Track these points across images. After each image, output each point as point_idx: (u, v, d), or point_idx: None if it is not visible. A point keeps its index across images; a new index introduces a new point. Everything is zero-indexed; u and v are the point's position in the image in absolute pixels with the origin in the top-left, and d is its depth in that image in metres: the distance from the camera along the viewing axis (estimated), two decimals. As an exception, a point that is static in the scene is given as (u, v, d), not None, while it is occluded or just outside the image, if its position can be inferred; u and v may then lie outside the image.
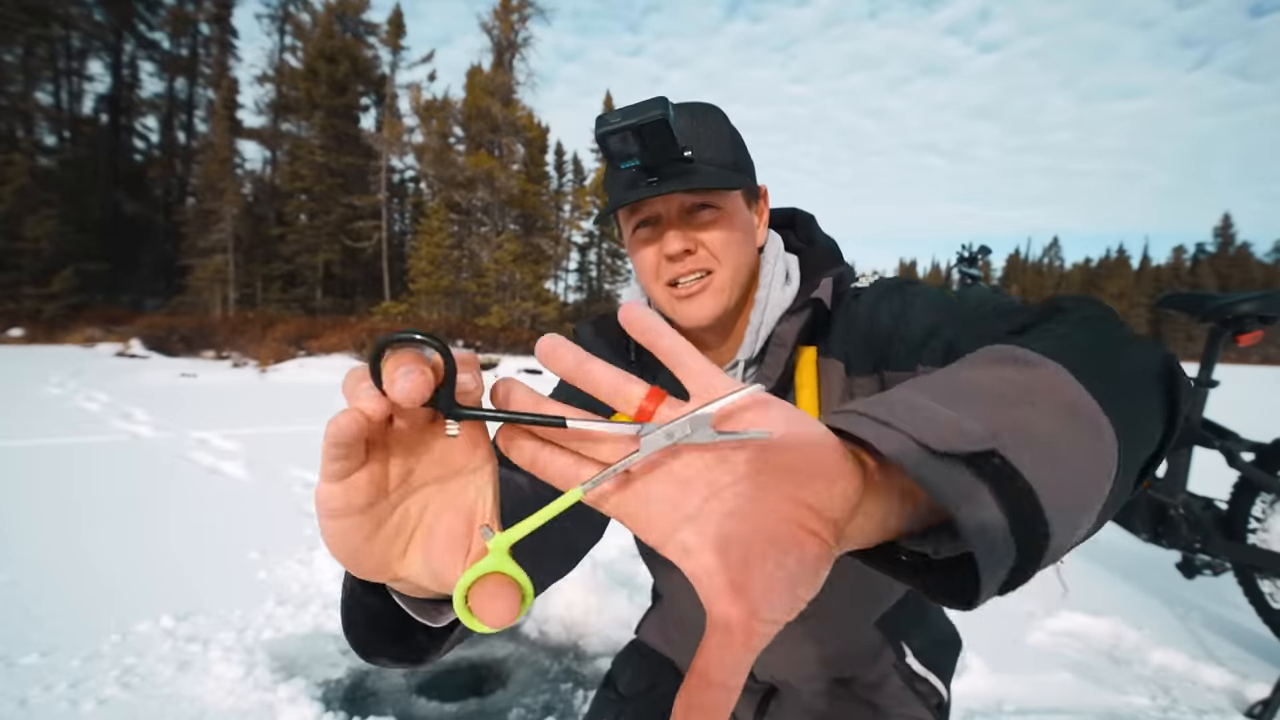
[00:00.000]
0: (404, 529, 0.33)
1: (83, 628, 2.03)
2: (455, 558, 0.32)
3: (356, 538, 0.31)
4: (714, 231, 0.74)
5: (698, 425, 0.29)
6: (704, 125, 0.75)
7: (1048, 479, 0.29)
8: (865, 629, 0.79)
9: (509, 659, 2.06)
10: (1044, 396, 0.34)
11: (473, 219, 23.39)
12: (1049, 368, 0.36)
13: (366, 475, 0.31)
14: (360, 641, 0.44)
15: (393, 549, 0.33)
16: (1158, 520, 2.21)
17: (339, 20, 25.69)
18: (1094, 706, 1.79)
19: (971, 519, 0.27)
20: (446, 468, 0.33)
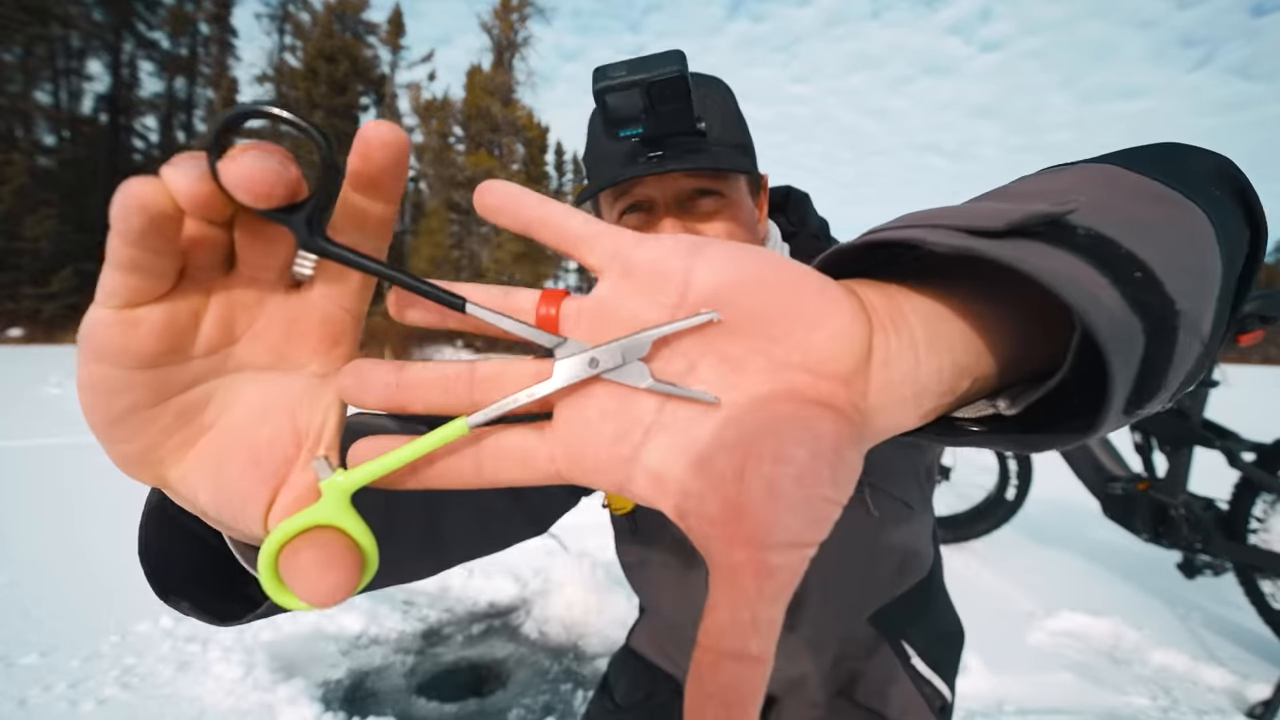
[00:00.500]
0: (194, 418, 0.24)
1: (82, 628, 2.03)
2: (259, 487, 0.23)
3: (122, 402, 0.22)
4: (717, 223, 0.65)
5: (631, 354, 0.22)
6: (711, 98, 0.66)
7: (1149, 247, 0.23)
8: (861, 628, 0.77)
9: (509, 659, 2.06)
10: (1105, 184, 0.27)
11: (473, 219, 23.37)
12: (1100, 166, 0.29)
13: (164, 315, 0.22)
14: (155, 572, 0.34)
15: (168, 439, 0.23)
16: (1158, 520, 2.21)
17: (338, 20, 25.66)
18: (1094, 707, 1.79)
19: (1076, 290, 0.20)
20: (285, 359, 0.25)
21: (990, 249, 0.21)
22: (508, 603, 2.42)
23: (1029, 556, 2.88)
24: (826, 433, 0.20)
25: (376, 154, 0.22)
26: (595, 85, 0.57)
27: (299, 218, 0.22)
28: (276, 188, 0.20)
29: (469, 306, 0.23)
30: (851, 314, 0.21)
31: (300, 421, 0.24)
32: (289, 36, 27.52)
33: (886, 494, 0.73)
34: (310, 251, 0.22)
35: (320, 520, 0.22)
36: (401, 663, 2.01)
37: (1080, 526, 3.26)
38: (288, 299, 0.24)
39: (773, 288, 0.21)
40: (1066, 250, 0.22)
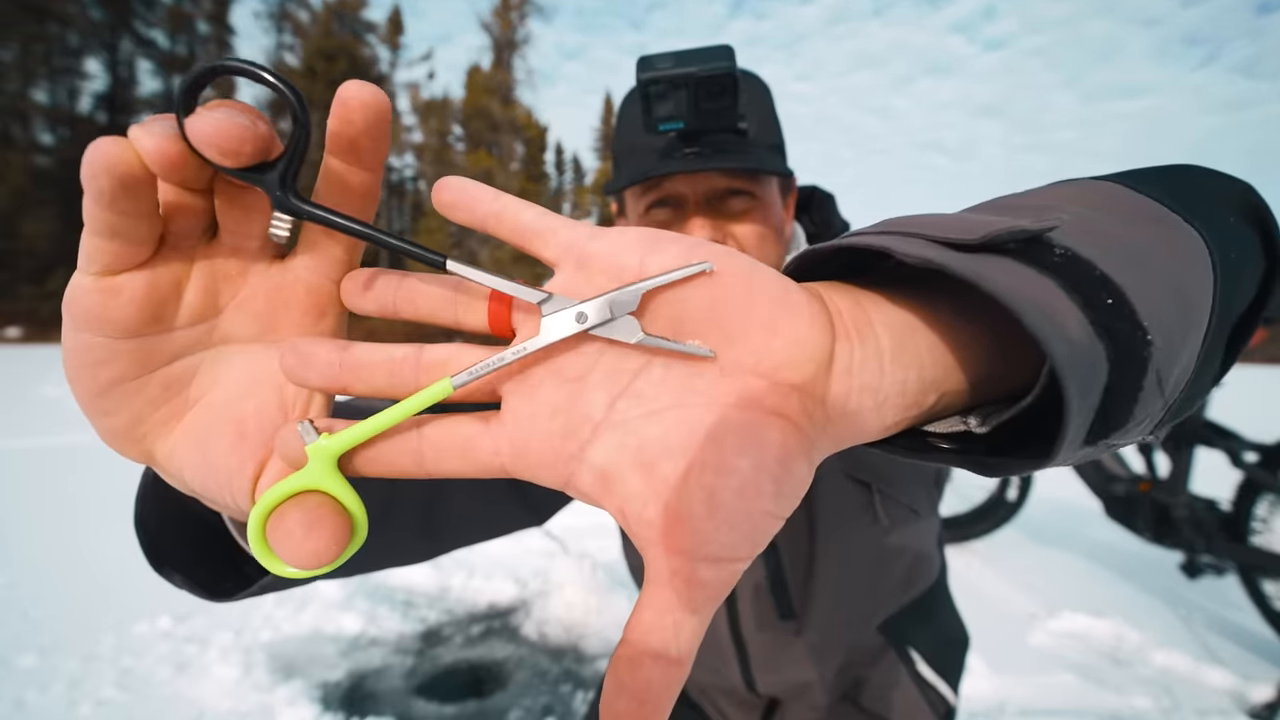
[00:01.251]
0: (180, 391, 0.23)
1: (80, 629, 2.02)
2: (245, 461, 0.23)
3: (107, 372, 0.22)
4: (748, 224, 0.63)
5: (620, 309, 0.21)
6: (749, 94, 0.64)
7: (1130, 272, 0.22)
8: (867, 634, 0.77)
9: (508, 660, 2.05)
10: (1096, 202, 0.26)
11: (472, 218, 23.34)
12: (1103, 184, 0.28)
13: (145, 282, 0.21)
14: (151, 544, 0.34)
15: (154, 413, 0.23)
16: (1160, 521, 2.21)
17: (337, 19, 25.66)
18: (1096, 708, 1.79)
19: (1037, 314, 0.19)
20: (270, 331, 0.24)
21: (953, 262, 0.20)
22: (507, 604, 2.41)
23: (1030, 557, 2.88)
24: (773, 443, 0.20)
25: (356, 116, 0.21)
26: (640, 74, 0.55)
27: (272, 177, 0.21)
28: (245, 144, 0.19)
29: (450, 264, 0.22)
30: (812, 320, 0.21)
31: (288, 393, 0.24)
32: (288, 35, 27.48)
33: (895, 501, 0.72)
34: (284, 212, 0.21)
35: (306, 485, 0.22)
36: (401, 664, 2.00)
37: (1082, 527, 3.25)
38: (271, 269, 0.24)
39: (731, 288, 0.20)
40: (1037, 269, 0.21)
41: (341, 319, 0.25)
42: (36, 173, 21.86)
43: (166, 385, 0.23)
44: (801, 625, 0.73)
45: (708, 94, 0.54)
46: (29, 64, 22.60)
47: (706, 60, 0.53)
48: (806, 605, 0.73)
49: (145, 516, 0.34)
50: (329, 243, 0.24)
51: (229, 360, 0.24)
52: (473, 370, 0.22)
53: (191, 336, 0.23)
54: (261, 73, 0.20)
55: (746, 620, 0.74)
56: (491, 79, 23.53)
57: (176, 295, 0.22)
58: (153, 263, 0.22)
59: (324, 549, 0.21)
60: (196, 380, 0.24)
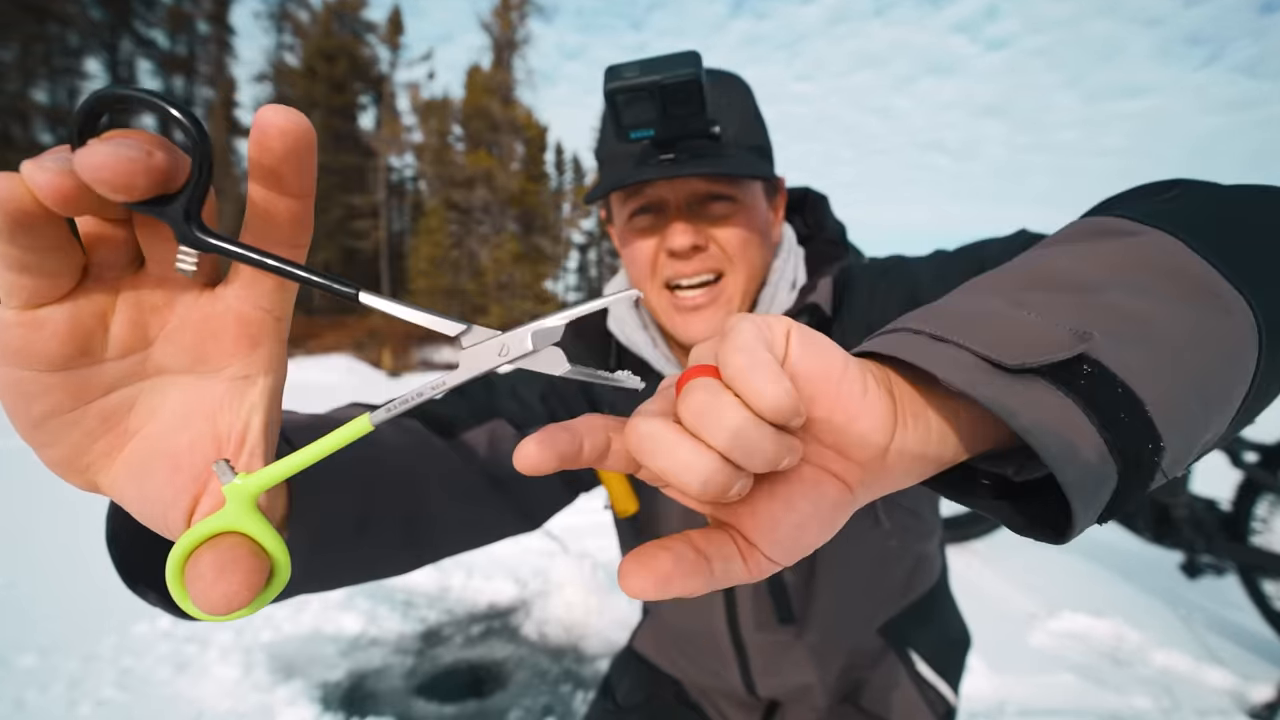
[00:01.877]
0: (118, 423, 0.23)
1: (80, 629, 2.02)
2: (180, 494, 0.23)
3: (40, 405, 0.22)
4: (729, 228, 0.63)
5: (542, 340, 0.23)
6: (728, 97, 0.64)
7: (1157, 379, 0.25)
8: (869, 636, 0.77)
9: (508, 660, 2.05)
10: (1145, 273, 0.28)
11: (472, 218, 23.37)
12: (1150, 236, 0.29)
13: (68, 315, 0.21)
14: (123, 561, 0.33)
15: (94, 444, 0.23)
16: (1160, 521, 2.21)
17: (337, 19, 25.65)
18: (1096, 708, 1.79)
19: (1055, 444, 0.22)
20: (203, 361, 0.24)
21: (986, 395, 0.23)
22: (507, 604, 2.41)
23: (1030, 557, 2.87)
24: (829, 499, 0.25)
25: (274, 143, 0.21)
26: (606, 85, 0.55)
27: (174, 209, 0.20)
28: (136, 178, 0.18)
29: (362, 296, 0.22)
30: (883, 416, 0.25)
31: (221, 425, 0.24)
32: (288, 35, 27.47)
33: (898, 505, 0.72)
34: (187, 245, 0.21)
35: (222, 526, 0.22)
36: (401, 664, 2.00)
37: (1081, 527, 3.25)
38: (201, 299, 0.24)
39: (833, 381, 0.24)
40: (1063, 392, 0.24)
41: (278, 347, 0.25)
42: (36, 173, 21.80)
43: (104, 417, 0.23)
44: (801, 628, 0.73)
45: (674, 100, 0.54)
46: (29, 64, 22.59)
47: (671, 67, 0.52)
48: (807, 608, 0.72)
49: (116, 533, 0.33)
50: (259, 273, 0.24)
51: (165, 392, 0.24)
52: (390, 407, 0.22)
53: (123, 368, 0.23)
54: (155, 100, 0.19)
55: (746, 623, 0.74)
56: (491, 79, 23.51)
57: (102, 327, 0.22)
58: (75, 295, 0.21)
59: (234, 593, 0.21)
60: (134, 412, 0.24)
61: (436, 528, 0.54)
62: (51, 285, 0.20)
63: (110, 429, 0.23)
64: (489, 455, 0.62)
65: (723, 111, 0.62)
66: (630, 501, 0.74)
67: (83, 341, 0.22)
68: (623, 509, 0.76)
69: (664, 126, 0.56)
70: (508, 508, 0.63)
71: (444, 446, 0.58)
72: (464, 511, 0.58)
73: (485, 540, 0.62)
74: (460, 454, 0.60)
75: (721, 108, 0.62)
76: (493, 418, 0.65)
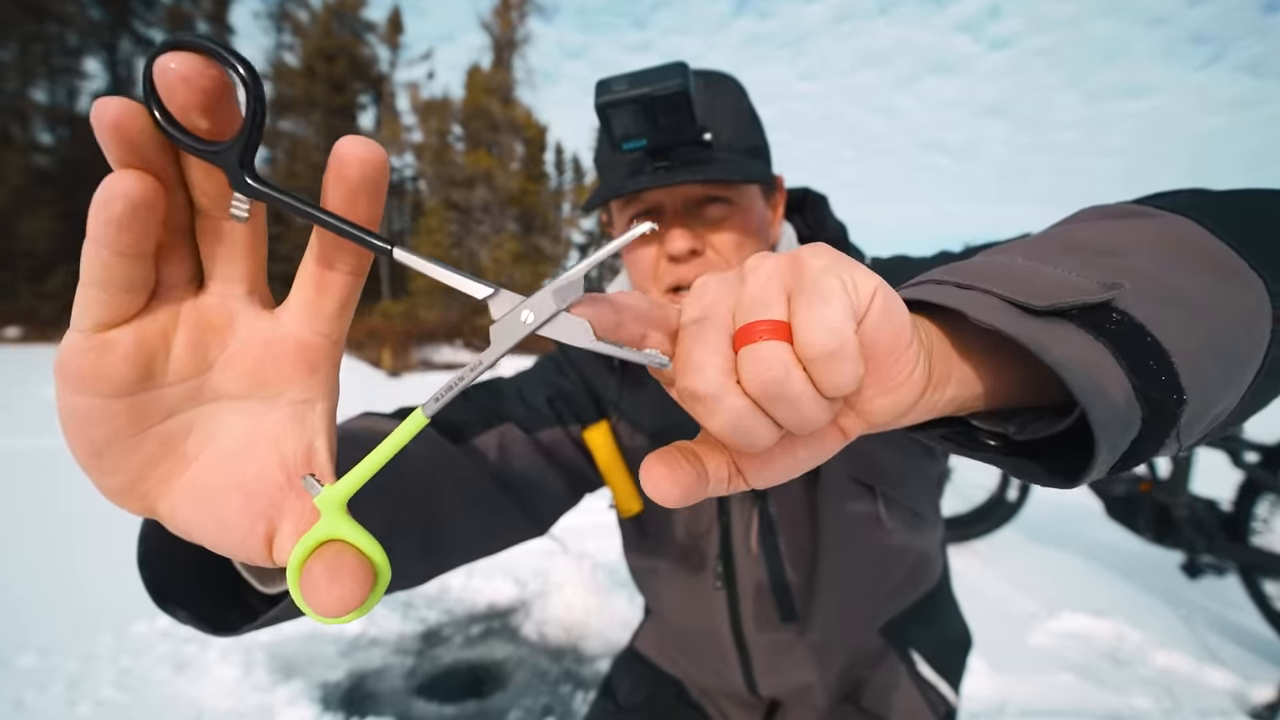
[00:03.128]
0: (176, 448, 0.24)
1: (79, 629, 2.02)
2: (256, 521, 0.24)
3: (103, 432, 0.22)
4: (725, 231, 0.63)
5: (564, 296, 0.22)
6: (722, 100, 0.65)
7: (1182, 336, 0.25)
8: (870, 636, 0.77)
9: (508, 661, 2.05)
10: (1168, 247, 0.29)
11: (472, 218, 23.36)
12: (1170, 218, 0.30)
13: (134, 337, 0.22)
14: (154, 581, 0.33)
15: (154, 470, 0.23)
16: (1161, 521, 2.21)
17: (337, 19, 25.65)
18: (1097, 708, 1.79)
19: (1086, 381, 0.22)
20: (261, 385, 0.24)
21: (1017, 331, 0.23)
22: (507, 604, 2.41)
23: (1031, 557, 2.87)
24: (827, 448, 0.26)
25: (352, 172, 0.22)
26: (597, 100, 0.56)
27: (230, 155, 0.21)
28: (203, 79, 0.19)
29: (396, 252, 0.22)
30: (918, 390, 0.24)
31: (286, 450, 0.24)
32: (287, 35, 27.47)
33: (898, 503, 0.72)
34: (241, 192, 0.21)
35: (324, 536, 0.23)
36: (400, 664, 2.00)
37: (1082, 527, 3.25)
38: (260, 322, 0.24)
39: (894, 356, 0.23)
40: (1093, 335, 0.24)
41: (334, 371, 0.26)
42: (36, 173, 21.85)
43: (162, 442, 0.23)
44: (803, 627, 0.73)
45: (663, 111, 0.55)
46: (28, 64, 22.58)
47: (659, 80, 0.54)
48: (809, 607, 0.72)
49: (148, 554, 0.33)
50: (319, 298, 0.24)
51: (223, 418, 0.24)
52: (438, 396, 0.23)
53: (182, 392, 0.23)
54: (211, 46, 0.20)
55: (748, 622, 0.74)
56: (491, 79, 23.51)
57: (165, 348, 0.23)
58: (141, 315, 0.22)
59: (349, 595, 0.22)
60: (192, 437, 0.24)
61: (452, 536, 0.54)
62: (128, 301, 0.21)
63: (169, 454, 0.24)
64: (499, 460, 0.63)
65: (714, 116, 0.63)
66: (634, 501, 0.75)
67: (147, 364, 0.22)
68: (626, 508, 0.76)
69: (655, 137, 0.58)
70: (517, 513, 0.63)
71: (456, 452, 0.58)
72: (476, 519, 0.58)
73: (495, 548, 0.62)
74: (472, 459, 0.60)
75: (713, 112, 0.63)
76: (502, 422, 0.65)
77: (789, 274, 0.23)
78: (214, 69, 0.20)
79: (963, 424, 0.29)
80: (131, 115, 0.20)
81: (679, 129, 0.57)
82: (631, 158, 0.63)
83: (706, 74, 0.66)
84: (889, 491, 0.71)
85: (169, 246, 0.22)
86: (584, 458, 0.73)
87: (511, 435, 0.65)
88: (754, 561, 0.72)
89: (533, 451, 0.66)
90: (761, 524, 0.71)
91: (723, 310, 0.24)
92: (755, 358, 0.22)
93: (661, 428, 0.71)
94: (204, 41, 0.20)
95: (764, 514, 0.71)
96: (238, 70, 0.20)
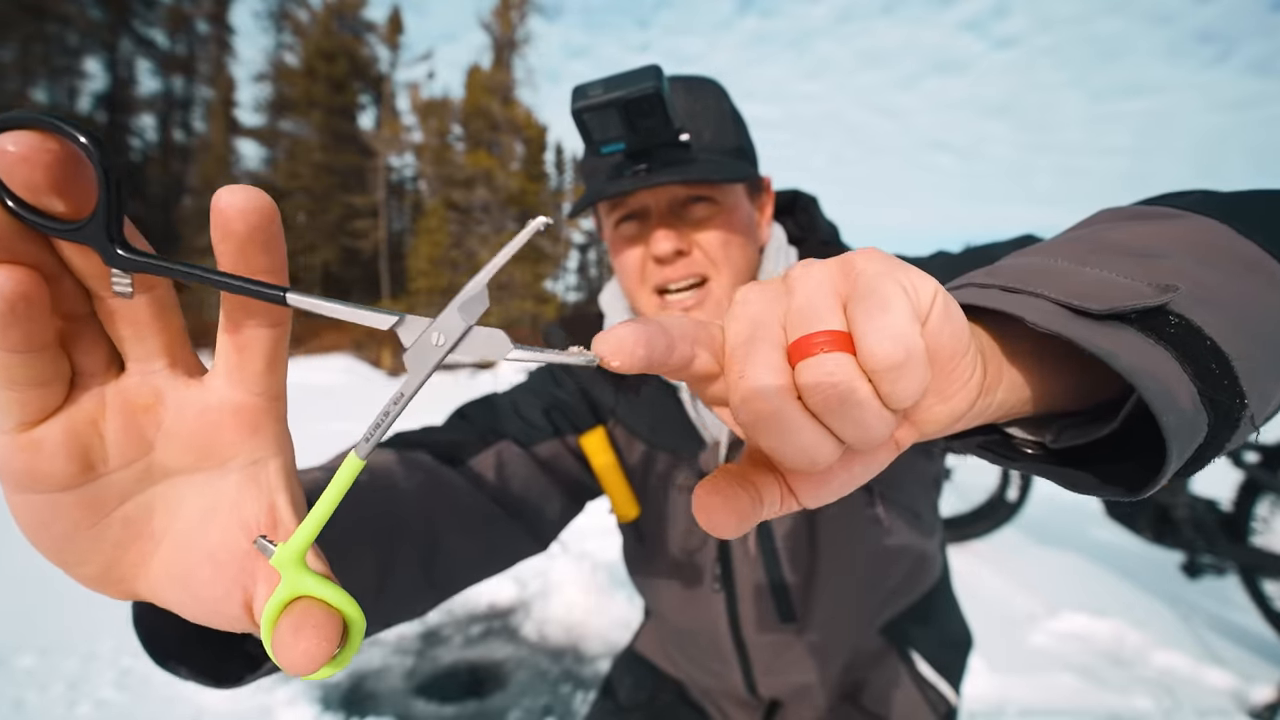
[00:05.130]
0: (141, 529, 0.24)
1: (80, 629, 2.02)
2: (230, 588, 0.24)
3: (59, 526, 0.22)
4: (710, 231, 0.63)
5: (472, 312, 0.21)
6: (702, 102, 0.65)
7: (1236, 338, 0.25)
8: (870, 636, 0.77)
9: (508, 661, 2.05)
10: (1201, 248, 0.28)
11: (472, 218, 23.36)
12: (1194, 219, 0.30)
13: (62, 429, 0.21)
14: (151, 639, 0.33)
15: (124, 555, 0.23)
16: (1161, 521, 2.21)
17: (337, 18, 25.65)
18: (1097, 708, 1.79)
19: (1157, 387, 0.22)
20: (208, 456, 0.24)
21: (1085, 338, 0.22)
22: (507, 604, 2.41)
23: (1031, 557, 2.87)
24: (880, 462, 0.24)
25: (236, 225, 0.20)
26: (573, 105, 0.57)
27: (93, 229, 0.20)
28: (39, 155, 0.18)
29: (289, 297, 0.21)
30: (971, 399, 0.23)
31: (247, 514, 0.24)
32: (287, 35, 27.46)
33: (896, 503, 0.72)
34: (114, 265, 0.20)
35: (287, 596, 0.22)
36: (400, 664, 2.00)
37: (1083, 527, 3.25)
38: (190, 392, 0.23)
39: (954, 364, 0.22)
40: (1155, 340, 0.24)
41: (279, 428, 0.25)
42: (36, 172, 21.75)
43: (126, 526, 0.23)
44: (802, 627, 0.73)
45: (639, 114, 0.55)
46: (28, 63, 22.57)
47: (632, 83, 0.54)
48: (807, 607, 0.72)
49: (142, 615, 0.33)
50: (242, 358, 0.23)
51: (180, 493, 0.24)
52: (368, 436, 0.22)
53: (131, 476, 0.23)
54: (49, 121, 0.19)
55: (747, 623, 0.74)
56: (491, 79, 23.51)
57: (98, 436, 0.22)
58: (66, 407, 0.21)
59: (315, 649, 0.21)
60: (155, 516, 0.24)
61: (454, 564, 0.55)
62: (44, 396, 0.21)
63: (136, 537, 0.24)
64: (497, 479, 0.63)
65: (694, 118, 0.63)
66: (631, 506, 0.75)
67: (83, 455, 0.22)
68: (624, 514, 0.76)
69: (633, 139, 0.58)
70: (518, 531, 0.63)
71: (454, 476, 0.58)
72: (478, 543, 0.58)
73: (497, 568, 0.62)
74: (470, 480, 0.60)
75: (693, 115, 0.63)
76: (499, 439, 0.66)
77: (841, 280, 0.22)
78: (52, 142, 0.19)
79: (998, 432, 0.29)
80: None
81: (656, 131, 0.57)
82: (612, 161, 0.63)
83: (686, 79, 0.66)
84: (887, 492, 0.71)
85: (74, 334, 0.21)
86: (583, 467, 0.73)
87: (509, 453, 0.65)
88: (752, 563, 0.72)
89: (531, 467, 0.66)
90: (759, 525, 0.71)
91: (772, 323, 0.22)
92: (819, 372, 0.20)
93: (657, 432, 0.71)
94: (38, 116, 0.19)
95: None
96: (78, 139, 0.19)
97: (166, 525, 0.24)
